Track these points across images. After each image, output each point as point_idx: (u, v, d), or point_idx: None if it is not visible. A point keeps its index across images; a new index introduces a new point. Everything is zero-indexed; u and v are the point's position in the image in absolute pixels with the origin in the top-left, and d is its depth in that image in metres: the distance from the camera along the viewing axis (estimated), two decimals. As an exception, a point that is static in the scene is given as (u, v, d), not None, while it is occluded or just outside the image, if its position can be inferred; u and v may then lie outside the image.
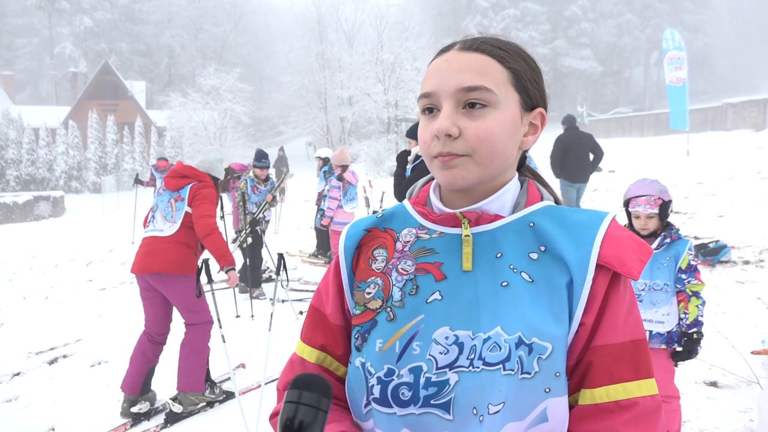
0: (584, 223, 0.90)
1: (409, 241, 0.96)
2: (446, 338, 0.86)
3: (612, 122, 34.29)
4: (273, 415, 1.00)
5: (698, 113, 24.39)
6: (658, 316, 2.85)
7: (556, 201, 1.00)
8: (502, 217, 0.93)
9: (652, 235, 2.90)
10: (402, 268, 0.94)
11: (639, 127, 30.87)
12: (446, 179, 0.90)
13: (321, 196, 8.70)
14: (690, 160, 14.94)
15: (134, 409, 3.97)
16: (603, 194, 11.63)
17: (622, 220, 3.14)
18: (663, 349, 2.89)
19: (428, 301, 0.90)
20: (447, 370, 0.85)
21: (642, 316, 2.83)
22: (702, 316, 2.87)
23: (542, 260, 0.88)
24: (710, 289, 5.65)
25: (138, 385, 3.97)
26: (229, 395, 4.18)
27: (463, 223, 0.92)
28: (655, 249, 2.88)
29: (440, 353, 0.86)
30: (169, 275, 3.89)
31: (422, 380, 0.86)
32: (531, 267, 0.88)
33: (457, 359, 0.85)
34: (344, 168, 7.59)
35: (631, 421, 0.84)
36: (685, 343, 2.86)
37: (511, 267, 0.88)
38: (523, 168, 1.04)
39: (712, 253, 6.51)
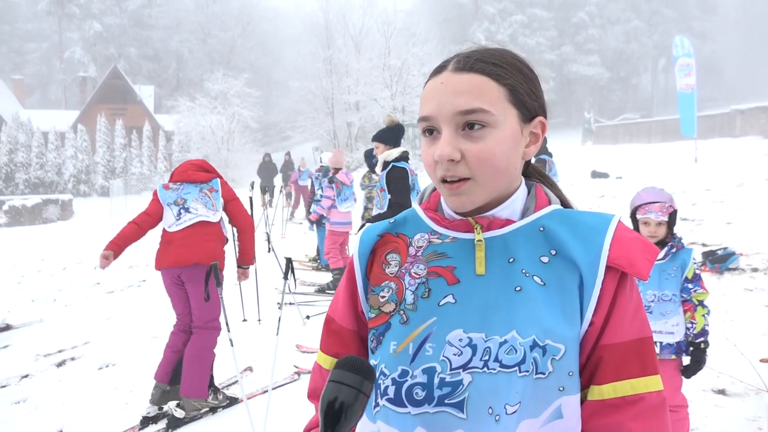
0: (592, 225, 0.92)
1: (421, 246, 0.98)
2: (460, 340, 0.88)
3: (619, 128, 34.25)
4: (307, 430, 1.05)
5: (706, 120, 24.34)
6: (668, 327, 2.83)
7: (564, 203, 1.02)
8: (513, 221, 0.95)
9: (660, 244, 2.89)
10: (414, 272, 0.96)
11: (646, 134, 30.82)
12: (455, 204, 0.93)
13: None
14: (698, 167, 14.90)
15: (143, 413, 3.99)
16: (610, 200, 11.59)
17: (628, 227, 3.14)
18: (672, 359, 2.88)
19: (440, 303, 0.92)
20: (461, 370, 0.87)
21: (652, 328, 2.82)
22: (708, 325, 2.86)
23: (553, 264, 0.91)
24: (718, 297, 5.62)
25: (168, 373, 4.03)
26: (233, 401, 4.18)
27: (476, 228, 0.94)
28: (662, 259, 2.87)
29: (454, 355, 0.88)
30: (204, 267, 3.95)
31: (436, 380, 0.88)
32: (542, 271, 0.91)
33: (470, 360, 0.87)
34: (337, 170, 7.67)
35: (638, 416, 0.87)
36: (693, 353, 2.86)
37: (524, 271, 0.91)
38: (530, 170, 1.06)
39: (720, 260, 6.48)
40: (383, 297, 0.98)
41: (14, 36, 52.61)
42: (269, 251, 7.59)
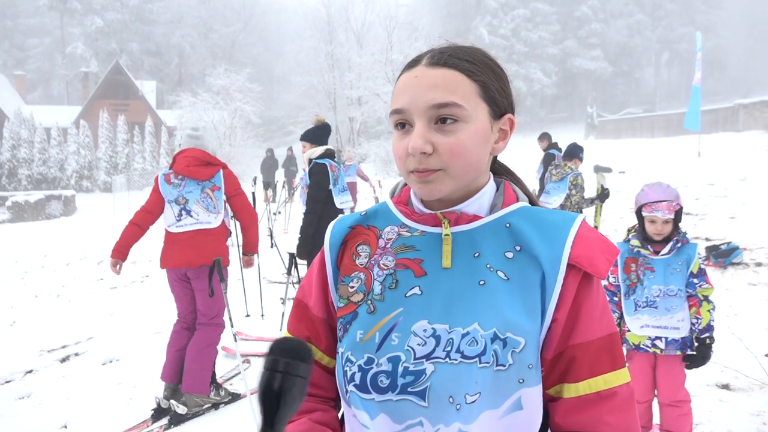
0: (557, 224, 0.95)
1: (391, 239, 1.01)
2: (424, 331, 0.91)
3: (622, 123, 34.13)
4: None
5: (709, 114, 24.21)
6: (674, 322, 2.82)
7: (531, 200, 1.05)
8: (481, 217, 0.98)
9: (665, 240, 2.87)
10: (383, 264, 0.99)
11: (649, 128, 30.71)
12: (423, 192, 0.95)
13: None
14: (701, 161, 14.85)
15: (154, 406, 3.99)
16: (613, 195, 11.56)
17: (631, 222, 3.12)
18: (678, 355, 2.87)
19: (407, 295, 0.95)
20: (424, 360, 0.90)
21: (658, 323, 2.83)
22: (713, 320, 2.85)
23: (517, 259, 0.93)
24: (722, 291, 5.61)
25: (176, 372, 4.01)
26: (235, 397, 4.18)
27: (444, 222, 0.97)
28: (667, 254, 2.86)
29: (418, 344, 0.91)
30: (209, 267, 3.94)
31: (400, 369, 0.91)
32: (507, 266, 0.93)
33: (433, 351, 0.90)
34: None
35: (613, 410, 0.91)
36: (698, 348, 2.85)
37: (488, 266, 0.93)
38: (497, 166, 1.10)
39: (723, 254, 6.47)
40: (352, 287, 1.00)
41: (16, 32, 52.60)
42: (272, 246, 7.60)
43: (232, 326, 3.94)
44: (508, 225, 0.96)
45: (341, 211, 5.09)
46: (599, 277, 0.92)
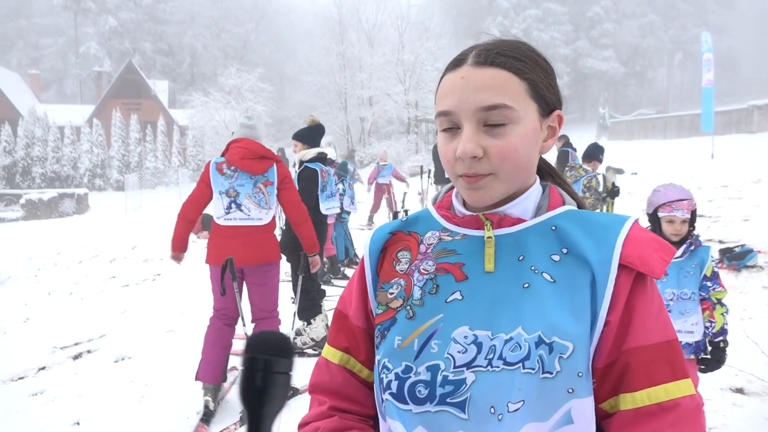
0: (606, 225, 0.90)
1: (432, 244, 0.98)
2: (465, 337, 0.87)
3: (634, 124, 33.88)
4: (302, 425, 1.03)
5: (723, 115, 24.00)
6: (687, 326, 2.79)
7: (579, 205, 1.01)
8: (525, 220, 0.94)
9: (679, 243, 2.85)
10: (423, 269, 0.96)
11: (662, 129, 30.46)
12: (473, 199, 0.92)
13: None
14: (714, 163, 14.74)
15: (202, 411, 3.83)
16: (625, 196, 11.49)
17: (642, 225, 3.09)
18: (692, 359, 2.84)
19: (448, 300, 0.91)
20: (464, 369, 0.86)
21: None
22: (727, 324, 2.82)
23: (564, 261, 0.89)
24: (736, 295, 5.55)
25: (222, 372, 3.88)
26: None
27: (486, 225, 0.93)
28: (680, 256, 2.83)
29: (458, 352, 0.87)
30: (272, 263, 3.94)
31: (439, 378, 0.87)
32: (553, 268, 0.89)
33: (475, 359, 0.86)
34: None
35: (676, 423, 0.83)
36: (712, 352, 2.82)
37: (533, 268, 0.89)
38: (545, 171, 1.05)
39: (737, 257, 6.41)
40: (392, 293, 0.97)
41: (30, 31, 53.13)
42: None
43: (244, 325, 3.94)
44: (554, 228, 0.92)
45: (326, 216, 5.05)
46: (654, 276, 0.86)
